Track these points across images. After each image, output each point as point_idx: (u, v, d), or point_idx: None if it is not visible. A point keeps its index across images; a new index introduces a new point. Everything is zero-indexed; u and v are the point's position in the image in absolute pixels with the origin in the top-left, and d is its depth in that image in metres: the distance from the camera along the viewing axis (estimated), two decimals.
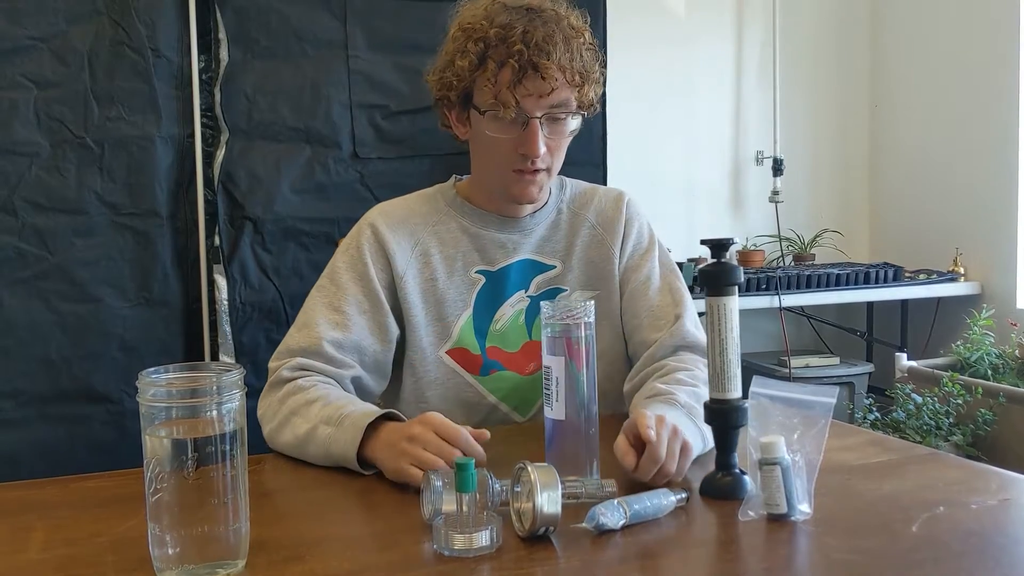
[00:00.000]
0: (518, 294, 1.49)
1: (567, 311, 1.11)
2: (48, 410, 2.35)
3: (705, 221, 3.81)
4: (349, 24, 2.56)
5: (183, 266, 2.47)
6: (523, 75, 1.33)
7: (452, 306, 1.46)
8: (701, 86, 3.82)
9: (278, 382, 1.36)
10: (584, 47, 1.39)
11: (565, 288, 1.50)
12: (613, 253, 1.52)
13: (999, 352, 3.22)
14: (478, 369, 1.46)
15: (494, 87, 1.35)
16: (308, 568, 0.89)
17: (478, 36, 1.36)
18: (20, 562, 0.94)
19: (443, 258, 1.47)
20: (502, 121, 1.37)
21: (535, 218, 1.51)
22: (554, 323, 1.12)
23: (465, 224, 1.49)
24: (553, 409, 1.12)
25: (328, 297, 1.43)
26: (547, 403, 1.13)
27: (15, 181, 2.30)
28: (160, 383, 0.87)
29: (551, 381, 1.11)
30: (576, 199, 1.56)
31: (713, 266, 1.09)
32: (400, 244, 1.46)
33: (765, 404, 1.02)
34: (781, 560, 0.93)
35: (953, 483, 1.12)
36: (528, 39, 1.33)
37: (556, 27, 1.36)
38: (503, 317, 1.48)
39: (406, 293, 1.44)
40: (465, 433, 1.13)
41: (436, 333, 1.46)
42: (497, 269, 1.48)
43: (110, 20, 2.34)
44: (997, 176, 3.54)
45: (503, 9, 1.37)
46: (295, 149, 2.53)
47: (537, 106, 1.36)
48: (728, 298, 1.08)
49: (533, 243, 1.51)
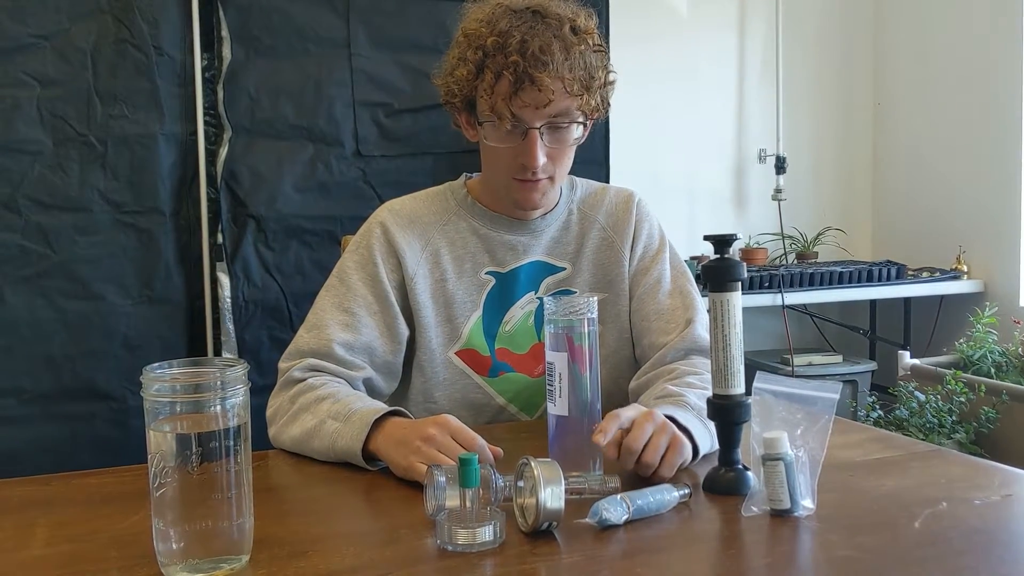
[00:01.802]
0: (528, 296, 1.48)
1: (570, 307, 1.12)
2: (51, 408, 2.35)
3: (708, 219, 3.81)
4: (352, 22, 2.56)
5: (186, 264, 2.48)
6: (519, 87, 1.31)
7: (461, 307, 1.46)
8: (703, 85, 3.81)
9: (289, 382, 1.36)
10: (590, 51, 1.36)
11: (575, 290, 1.49)
12: (623, 256, 1.51)
13: (1002, 350, 3.22)
14: (487, 370, 1.46)
15: (490, 98, 1.33)
16: (311, 563, 0.89)
17: (477, 44, 1.34)
18: (23, 559, 0.94)
19: (453, 259, 1.47)
20: (501, 131, 1.35)
21: (546, 220, 1.50)
22: (557, 319, 1.12)
23: (475, 225, 1.49)
24: (556, 405, 1.12)
25: (338, 298, 1.42)
26: (550, 399, 1.13)
27: (18, 179, 2.30)
28: (164, 378, 0.87)
29: (554, 377, 1.12)
30: (586, 200, 1.55)
31: (716, 262, 1.09)
32: (411, 244, 1.45)
33: (768, 400, 1.02)
34: (784, 556, 0.93)
35: (956, 479, 1.12)
36: (524, 49, 1.30)
37: (556, 34, 1.33)
38: (512, 319, 1.47)
39: (416, 294, 1.43)
40: (481, 440, 1.13)
41: (445, 334, 1.45)
42: (507, 271, 1.48)
43: (113, 18, 2.34)
44: (1000, 174, 3.53)
45: (505, 13, 1.35)
46: (298, 147, 2.54)
47: (536, 116, 1.34)
48: (731, 294, 1.07)
49: (544, 245, 1.50)
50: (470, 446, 1.12)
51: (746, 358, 1.10)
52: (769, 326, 3.69)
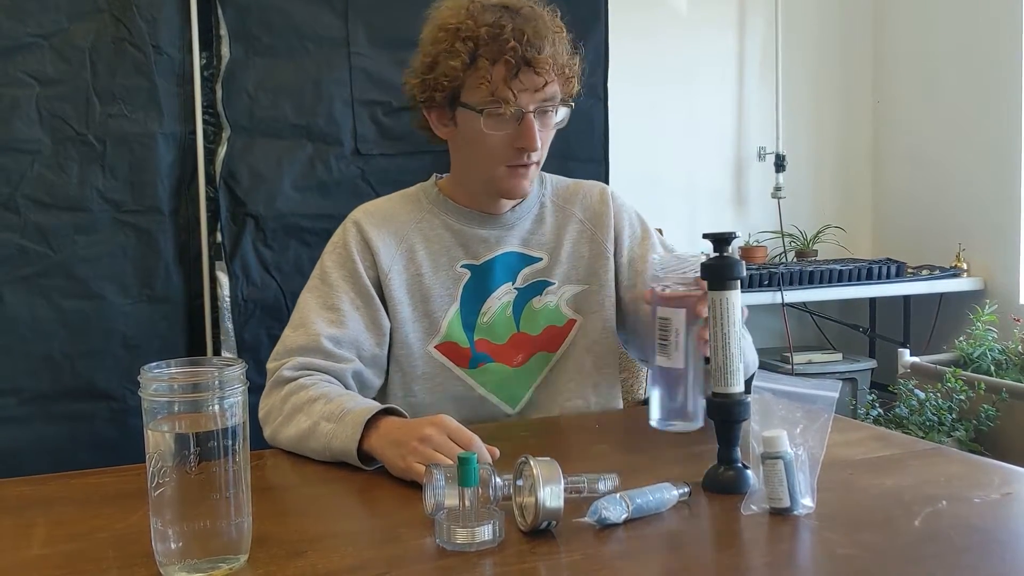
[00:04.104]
0: (505, 286, 1.51)
1: (680, 264, 1.18)
2: (50, 407, 2.35)
3: (707, 217, 3.80)
4: (350, 21, 2.56)
5: (185, 263, 2.47)
6: (517, 71, 1.36)
7: (439, 300, 1.48)
8: (703, 83, 3.81)
9: (279, 382, 1.36)
10: (566, 39, 1.43)
11: (552, 280, 1.52)
12: (605, 248, 1.55)
13: (1002, 348, 3.22)
14: (467, 362, 1.48)
15: (489, 84, 1.37)
16: (310, 563, 0.89)
17: (466, 35, 1.37)
18: (22, 558, 0.94)
19: (428, 254, 1.49)
20: (499, 118, 1.38)
21: (516, 212, 1.54)
22: (671, 278, 1.18)
23: (448, 221, 1.52)
24: (671, 357, 1.16)
25: (321, 297, 1.44)
26: (662, 353, 1.16)
27: (17, 178, 2.29)
28: (162, 378, 0.87)
29: (669, 332, 1.15)
30: (559, 194, 1.59)
31: (716, 260, 1.09)
32: (385, 241, 1.48)
33: (768, 398, 1.02)
34: (783, 554, 0.93)
35: (955, 478, 1.12)
36: (519, 35, 1.35)
37: (540, 23, 1.39)
38: (490, 310, 1.49)
39: (392, 290, 1.46)
40: (478, 440, 1.14)
41: (424, 328, 1.47)
42: (482, 263, 1.50)
43: (111, 17, 2.34)
44: (1000, 171, 3.53)
45: (483, 9, 1.39)
46: (297, 146, 2.53)
47: (531, 100, 1.39)
48: (731, 292, 1.07)
49: (517, 236, 1.53)
50: (467, 446, 1.12)
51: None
52: (768, 324, 3.69)
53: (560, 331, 1.51)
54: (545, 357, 1.51)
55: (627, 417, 1.58)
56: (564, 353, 1.52)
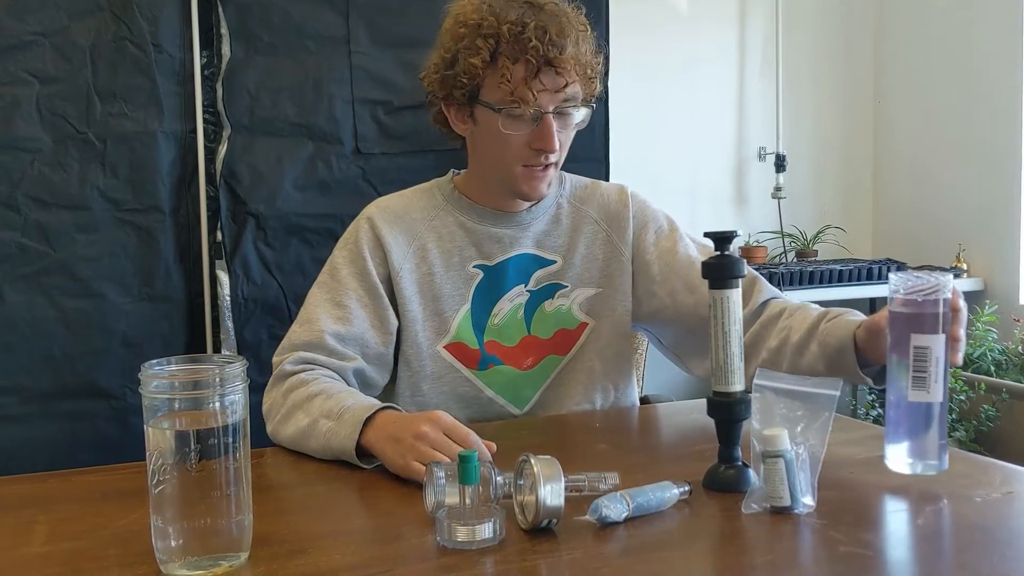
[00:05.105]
0: (517, 288, 1.49)
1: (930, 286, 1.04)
2: (50, 406, 2.34)
3: (708, 217, 3.80)
4: (351, 19, 2.56)
5: (185, 262, 2.47)
6: (538, 71, 1.33)
7: (449, 300, 1.46)
8: (703, 82, 3.81)
9: (281, 376, 1.37)
10: (589, 38, 1.40)
11: (565, 283, 1.50)
12: (620, 251, 1.52)
13: (1002, 348, 3.22)
14: (476, 363, 1.46)
15: (509, 83, 1.34)
16: (311, 561, 0.89)
17: (488, 32, 1.34)
18: (23, 556, 0.94)
19: (440, 253, 1.47)
20: (518, 118, 1.36)
21: (532, 212, 1.51)
22: (924, 299, 1.04)
23: (462, 219, 1.50)
24: (930, 391, 1.05)
25: (329, 292, 1.43)
26: (918, 386, 1.05)
27: (17, 177, 2.29)
28: (162, 375, 0.87)
29: (928, 362, 1.04)
30: (576, 194, 1.56)
31: (717, 259, 1.09)
32: (396, 239, 1.47)
33: (769, 397, 1.02)
34: (784, 553, 0.93)
35: (957, 477, 1.12)
36: (541, 34, 1.32)
37: (563, 21, 1.35)
38: (501, 312, 1.48)
39: (402, 288, 1.44)
40: (475, 436, 1.13)
41: (433, 328, 1.46)
42: (495, 264, 1.49)
43: (112, 15, 2.34)
44: (1000, 172, 3.53)
45: (505, 5, 1.36)
46: (297, 145, 2.53)
47: (551, 100, 1.36)
48: (732, 291, 1.07)
49: (532, 237, 1.51)
50: (464, 443, 1.12)
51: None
52: None
53: (571, 334, 1.50)
54: (555, 360, 1.50)
55: (628, 416, 1.57)
56: (574, 356, 1.50)
